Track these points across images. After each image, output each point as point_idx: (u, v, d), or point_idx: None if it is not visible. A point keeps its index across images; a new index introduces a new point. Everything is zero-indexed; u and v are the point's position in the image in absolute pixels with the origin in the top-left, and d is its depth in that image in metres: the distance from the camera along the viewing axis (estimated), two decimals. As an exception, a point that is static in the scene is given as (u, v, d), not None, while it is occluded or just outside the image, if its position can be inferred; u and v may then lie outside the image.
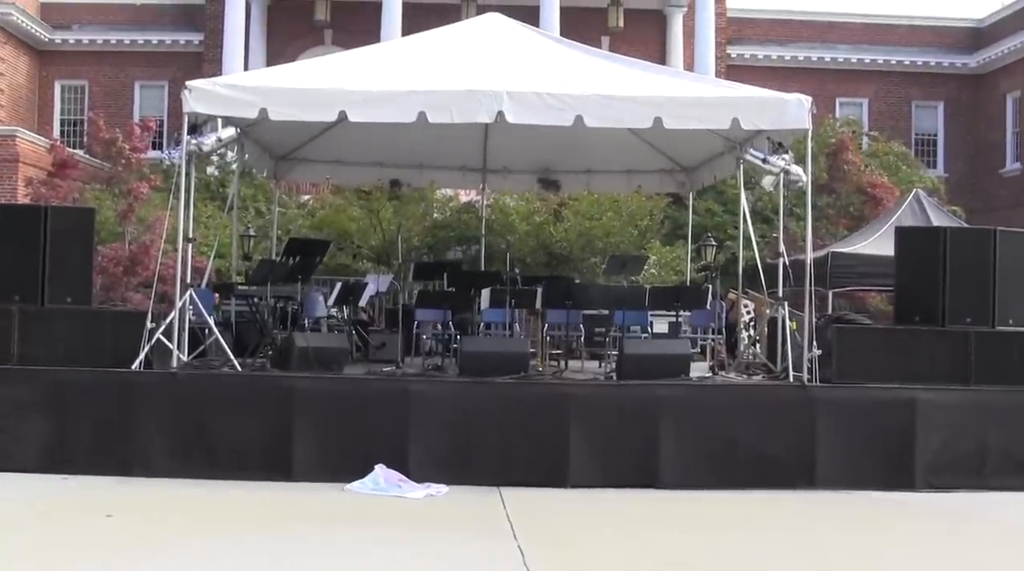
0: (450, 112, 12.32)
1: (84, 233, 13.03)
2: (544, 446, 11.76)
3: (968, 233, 14.32)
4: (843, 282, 19.97)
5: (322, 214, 28.21)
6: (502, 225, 26.80)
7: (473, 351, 13.22)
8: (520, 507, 10.45)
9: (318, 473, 11.49)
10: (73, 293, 12.66)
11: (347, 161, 18.78)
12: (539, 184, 19.94)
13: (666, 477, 11.74)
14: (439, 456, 11.63)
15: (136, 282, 23.72)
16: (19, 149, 29.11)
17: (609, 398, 12.20)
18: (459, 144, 17.85)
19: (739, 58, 38.05)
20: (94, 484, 11.08)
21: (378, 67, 13.17)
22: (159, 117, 33.73)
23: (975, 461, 12.08)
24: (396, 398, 11.90)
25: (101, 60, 37.80)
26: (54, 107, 38.08)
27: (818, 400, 12.08)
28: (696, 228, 22.06)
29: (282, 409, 11.71)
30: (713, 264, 21.31)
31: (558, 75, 12.93)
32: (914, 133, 38.62)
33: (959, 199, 31.66)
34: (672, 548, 8.98)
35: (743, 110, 12.51)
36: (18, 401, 11.76)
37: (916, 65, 38.69)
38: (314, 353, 12.74)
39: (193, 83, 12.43)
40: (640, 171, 19.12)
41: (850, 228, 26.10)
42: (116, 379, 11.90)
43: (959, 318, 12.70)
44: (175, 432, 11.67)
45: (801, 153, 13.27)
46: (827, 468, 11.87)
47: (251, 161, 16.99)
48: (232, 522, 9.59)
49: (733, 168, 15.65)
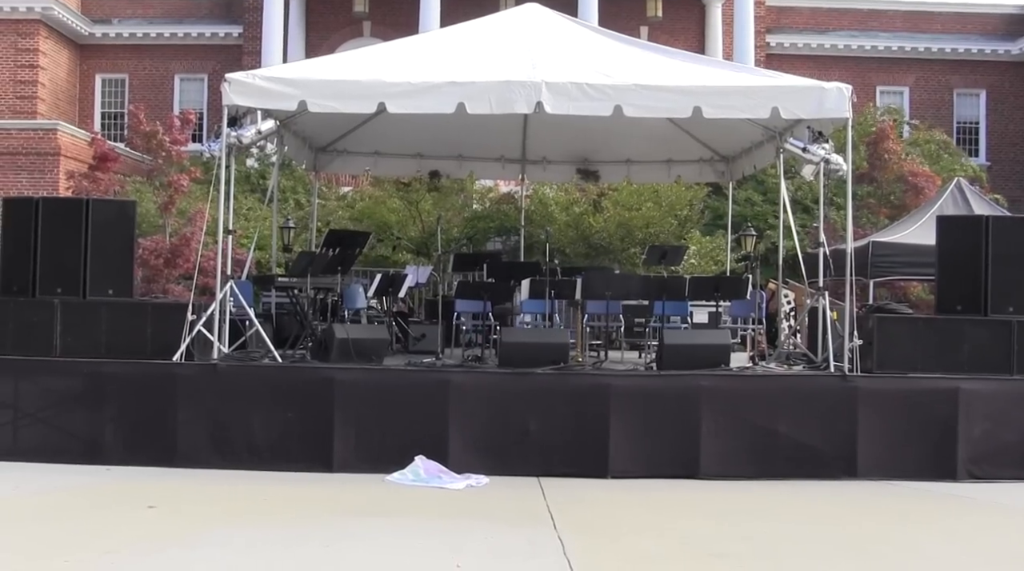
0: (489, 103, 12.33)
1: (125, 225, 13.12)
2: (584, 437, 11.75)
3: (1010, 222, 14.20)
4: (884, 272, 19.90)
5: (361, 206, 28.26)
6: (541, 216, 26.77)
7: (513, 342, 13.22)
8: (560, 497, 10.45)
9: (358, 464, 11.52)
10: (114, 285, 12.75)
11: (386, 152, 18.79)
12: (578, 174, 19.91)
13: (706, 467, 11.72)
14: (479, 447, 11.64)
15: (177, 274, 23.88)
16: (60, 142, 29.32)
17: (649, 389, 12.17)
18: (498, 135, 17.83)
19: (778, 47, 37.89)
20: (136, 475, 11.15)
21: (417, 58, 13.18)
22: (199, 110, 33.97)
23: (1018, 451, 11.97)
24: (436, 389, 11.92)
25: (141, 53, 38.04)
26: (95, 101, 38.34)
27: (859, 390, 12.01)
28: (736, 218, 21.99)
29: (322, 400, 11.74)
30: (753, 254, 21.29)
31: (597, 65, 12.89)
32: (956, 121, 38.34)
33: (1001, 188, 31.47)
34: (712, 538, 8.95)
35: (783, 99, 12.46)
36: (60, 393, 11.85)
37: (958, 52, 38.37)
38: (354, 344, 12.75)
39: (232, 76, 12.46)
40: (679, 161, 19.04)
41: (891, 217, 26.00)
42: (157, 371, 11.97)
43: (1001, 307, 12.61)
44: (216, 423, 11.74)
45: (841, 142, 13.20)
46: (868, 459, 11.82)
47: (290, 153, 17.02)
48: (275, 513, 9.62)
49: (773, 157, 15.56)
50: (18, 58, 35.25)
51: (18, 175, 29.06)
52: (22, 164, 29.24)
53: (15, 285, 12.59)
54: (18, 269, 12.57)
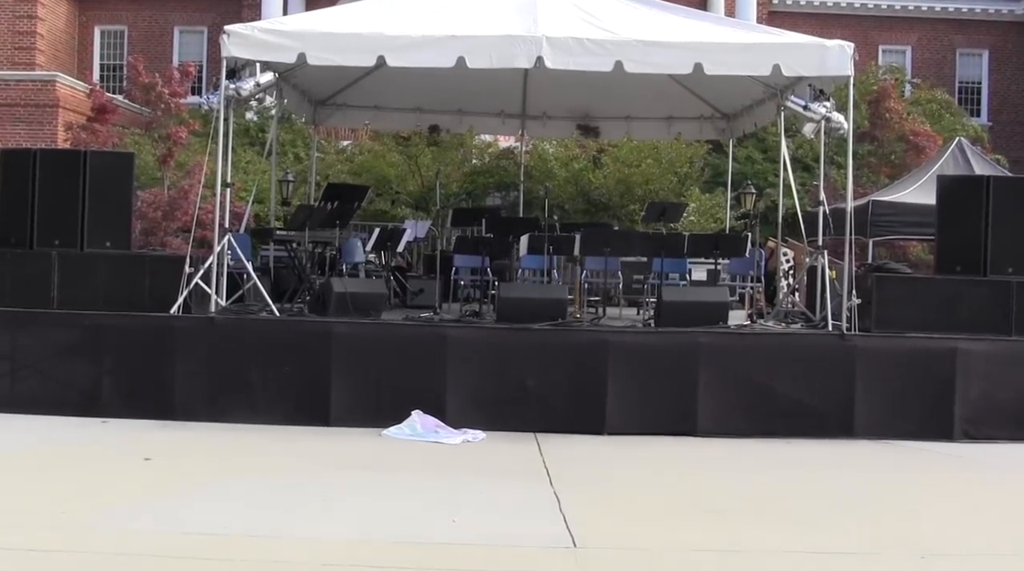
0: (489, 57, 12.28)
1: (123, 178, 13.07)
2: (581, 393, 11.76)
3: (1011, 182, 14.21)
4: (884, 231, 19.90)
5: (361, 159, 28.22)
6: (541, 171, 26.76)
7: (511, 297, 13.20)
8: (556, 453, 10.47)
9: (355, 418, 11.54)
10: (112, 238, 12.72)
11: (386, 107, 18.75)
12: (578, 130, 19.88)
13: (703, 425, 11.73)
14: (476, 402, 11.64)
15: (175, 227, 23.87)
16: (59, 94, 29.24)
17: (647, 345, 12.17)
18: (498, 90, 17.76)
19: (781, 4, 37.65)
20: (133, 428, 11.17)
21: (417, 12, 13.07)
22: (198, 62, 33.79)
23: (1014, 412, 11.98)
24: (433, 344, 11.92)
25: (140, 5, 37.71)
26: (93, 52, 38.09)
27: (857, 349, 12.01)
28: (736, 176, 21.94)
29: (320, 354, 11.75)
30: (753, 212, 21.25)
31: (598, 21, 12.81)
32: (958, 81, 38.12)
33: (1003, 148, 31.36)
34: (708, 495, 8.96)
35: (784, 56, 12.39)
36: (57, 345, 11.86)
37: (961, 12, 38.10)
38: (352, 299, 12.74)
39: (231, 27, 12.40)
40: (680, 118, 18.99)
41: (891, 176, 25.97)
42: (155, 323, 11.97)
43: (1001, 268, 12.58)
44: (213, 377, 11.75)
45: (843, 100, 13.15)
46: (865, 418, 11.82)
47: (290, 106, 16.99)
48: (271, 466, 9.64)
49: (774, 115, 15.54)
50: (16, 8, 34.99)
51: (16, 127, 29.00)
52: (20, 115, 29.16)
53: (13, 237, 12.56)
54: (16, 221, 12.53)
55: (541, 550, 6.99)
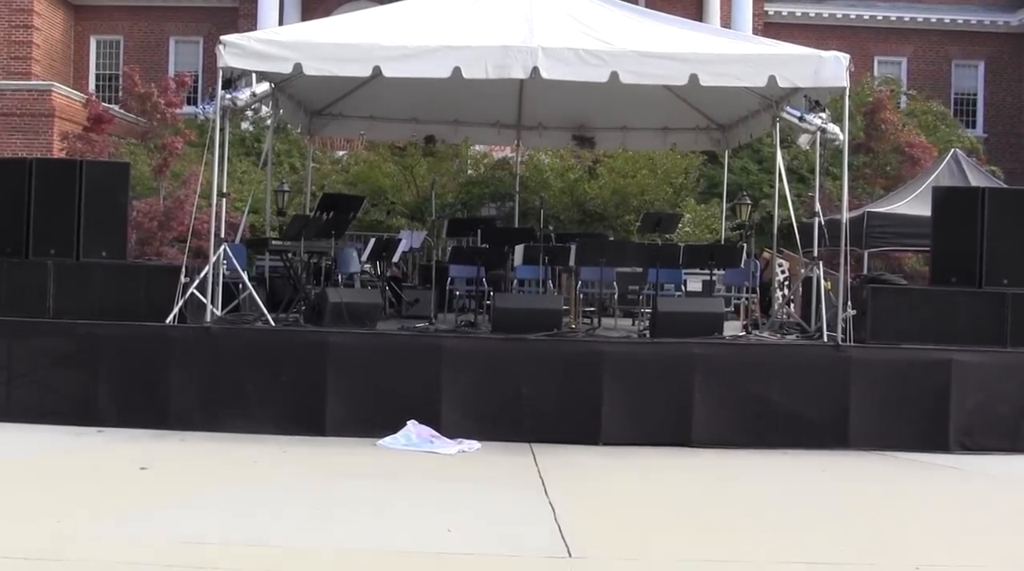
0: (485, 67, 12.28)
1: (119, 188, 13.08)
2: (576, 403, 11.75)
3: (1006, 194, 14.17)
4: (879, 242, 19.90)
5: (356, 170, 28.24)
6: (536, 182, 26.78)
7: (506, 308, 13.20)
8: (552, 463, 10.47)
9: (350, 428, 11.53)
10: (108, 247, 12.72)
11: (382, 117, 18.76)
12: (574, 141, 19.91)
13: (698, 436, 11.72)
14: (471, 412, 11.63)
15: (171, 237, 23.89)
16: (54, 104, 29.21)
17: (642, 356, 12.16)
18: (494, 100, 17.78)
19: (776, 15, 37.74)
20: (128, 437, 11.14)
21: (413, 22, 13.10)
22: (194, 72, 33.84)
23: (1010, 424, 11.98)
24: (429, 354, 11.92)
25: (136, 15, 37.76)
26: (89, 62, 38.11)
27: (852, 360, 12.00)
28: (731, 186, 21.92)
29: (315, 364, 11.74)
30: (748, 223, 21.27)
31: (594, 31, 12.83)
32: (953, 92, 38.19)
33: (998, 160, 31.43)
34: (704, 505, 8.97)
35: (780, 67, 12.40)
36: (53, 354, 11.84)
37: (956, 23, 38.18)
38: (347, 309, 12.74)
39: (227, 38, 12.40)
40: (675, 128, 19.02)
41: (887, 188, 25.99)
42: (150, 333, 11.95)
43: (996, 279, 12.58)
44: (208, 386, 11.74)
45: (838, 112, 13.18)
46: (860, 429, 11.82)
47: (285, 116, 16.99)
48: (266, 476, 9.64)
49: (769, 126, 15.56)
50: (12, 18, 35.01)
51: (12, 136, 28.97)
52: (16, 125, 29.13)
53: (8, 246, 12.54)
54: (11, 231, 12.51)
55: (537, 560, 6.99)
